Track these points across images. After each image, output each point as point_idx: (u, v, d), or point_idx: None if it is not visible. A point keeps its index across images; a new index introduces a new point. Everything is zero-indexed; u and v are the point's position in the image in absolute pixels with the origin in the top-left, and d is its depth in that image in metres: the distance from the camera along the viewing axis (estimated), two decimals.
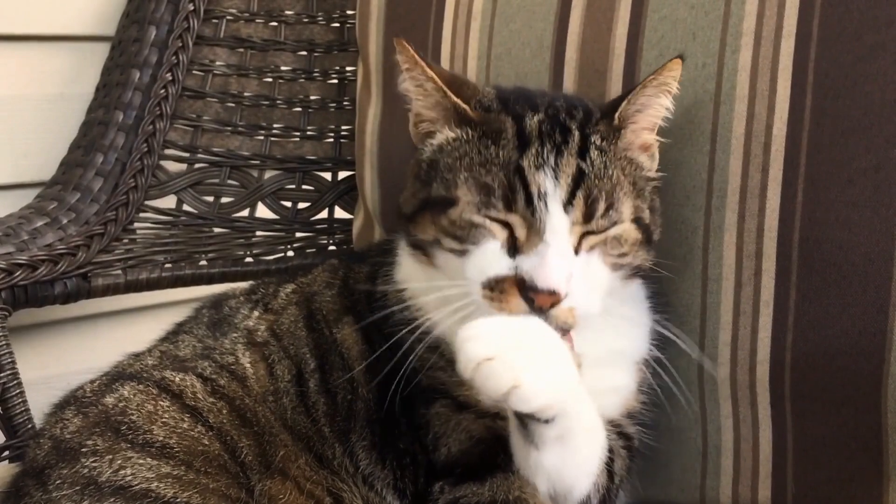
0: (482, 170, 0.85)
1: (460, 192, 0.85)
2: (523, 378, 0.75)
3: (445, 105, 0.90)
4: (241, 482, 0.88)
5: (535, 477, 0.88)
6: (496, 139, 0.87)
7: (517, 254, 0.83)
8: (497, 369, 0.75)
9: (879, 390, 0.91)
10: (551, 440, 0.83)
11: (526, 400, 0.75)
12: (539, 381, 0.76)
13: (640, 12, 1.04)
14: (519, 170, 0.84)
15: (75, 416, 0.92)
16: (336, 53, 1.45)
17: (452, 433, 0.92)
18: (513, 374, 0.75)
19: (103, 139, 1.34)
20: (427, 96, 0.91)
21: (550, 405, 0.78)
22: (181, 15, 1.36)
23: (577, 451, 0.86)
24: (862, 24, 0.91)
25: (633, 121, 0.91)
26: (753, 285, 0.96)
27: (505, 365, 0.75)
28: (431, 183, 0.89)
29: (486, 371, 0.75)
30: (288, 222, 1.44)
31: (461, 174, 0.86)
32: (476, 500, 0.89)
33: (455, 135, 0.90)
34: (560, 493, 0.89)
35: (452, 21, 1.20)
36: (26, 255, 1.19)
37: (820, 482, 0.97)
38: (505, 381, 0.75)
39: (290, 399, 0.96)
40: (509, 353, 0.76)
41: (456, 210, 0.85)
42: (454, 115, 0.90)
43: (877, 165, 0.90)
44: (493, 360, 0.75)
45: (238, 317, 1.03)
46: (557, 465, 0.86)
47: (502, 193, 0.83)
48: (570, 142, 0.86)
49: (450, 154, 0.89)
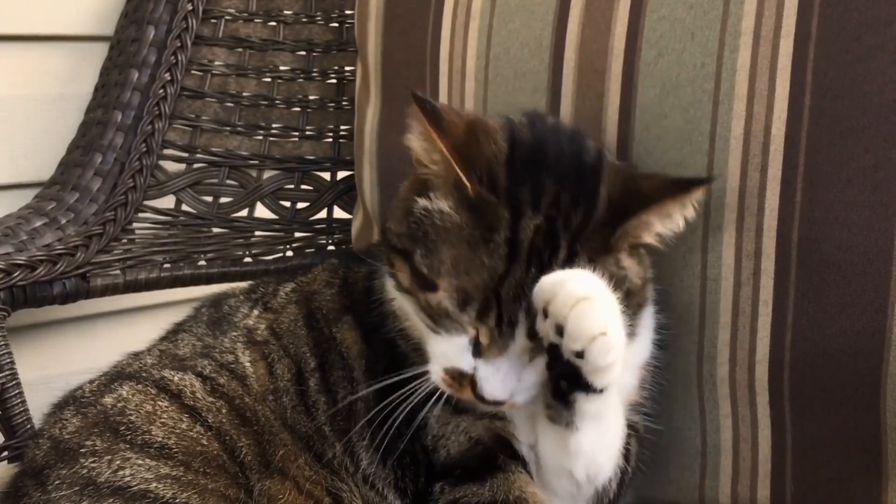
0: (466, 275, 0.82)
1: (442, 284, 0.83)
2: (611, 327, 0.76)
3: (449, 175, 0.85)
4: (241, 482, 0.88)
5: (572, 463, 0.88)
6: (487, 238, 0.82)
7: (479, 356, 0.84)
8: (594, 311, 0.76)
9: (878, 390, 0.91)
10: (590, 417, 0.83)
11: (606, 351, 0.76)
12: (620, 336, 0.77)
13: (638, 12, 1.04)
14: (497, 294, 0.81)
15: (74, 417, 0.92)
16: (335, 53, 1.45)
17: (451, 435, 0.92)
18: (606, 320, 0.76)
19: (102, 139, 1.34)
20: (433, 160, 0.87)
21: (616, 364, 0.78)
22: (180, 15, 1.35)
23: (609, 429, 0.87)
24: (861, 24, 0.91)
25: (635, 233, 0.86)
26: (752, 285, 0.96)
27: (601, 308, 0.76)
28: (417, 245, 0.85)
29: (583, 309, 0.75)
30: (287, 222, 1.44)
31: (447, 266, 0.83)
32: (476, 500, 0.89)
33: (449, 211, 0.84)
34: (591, 477, 0.89)
35: (451, 21, 1.20)
36: (25, 256, 1.19)
37: (819, 482, 0.97)
38: (598, 325, 0.75)
39: (290, 398, 0.96)
40: (606, 299, 0.77)
41: (435, 297, 0.84)
42: (453, 187, 0.84)
43: (875, 165, 0.90)
44: (591, 300, 0.76)
45: (238, 315, 1.03)
46: (594, 445, 0.86)
47: (479, 306, 0.82)
48: (556, 262, 0.82)
49: (439, 232, 0.84)
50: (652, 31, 1.03)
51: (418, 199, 0.87)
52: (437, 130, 0.84)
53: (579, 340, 0.76)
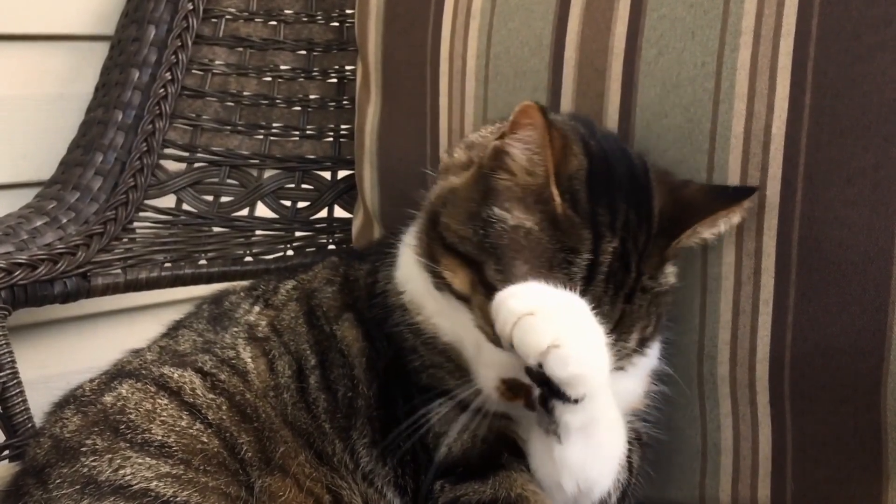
0: None
1: None
2: (564, 338, 0.74)
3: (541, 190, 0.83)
4: (241, 479, 0.88)
5: (559, 475, 0.87)
6: (569, 260, 0.82)
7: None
8: (538, 325, 0.74)
9: (879, 389, 0.91)
10: (575, 430, 0.82)
11: (564, 362, 0.74)
12: (578, 347, 0.75)
13: (639, 11, 1.04)
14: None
15: (75, 416, 0.92)
16: (335, 52, 1.45)
17: (455, 433, 0.92)
18: (554, 332, 0.74)
19: (103, 138, 1.34)
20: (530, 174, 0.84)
21: (584, 376, 0.76)
22: (180, 14, 1.35)
23: (601, 444, 0.86)
24: (861, 24, 0.91)
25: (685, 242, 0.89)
26: (753, 284, 0.96)
27: (546, 322, 0.74)
28: (488, 258, 0.83)
29: (526, 326, 0.74)
30: (287, 221, 1.44)
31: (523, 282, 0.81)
32: (477, 498, 0.89)
33: (534, 228, 0.82)
34: (583, 491, 0.88)
35: (451, 20, 1.20)
36: (26, 255, 1.19)
37: (819, 481, 0.97)
38: (545, 338, 0.74)
39: (291, 395, 0.95)
40: (551, 312, 0.75)
41: None
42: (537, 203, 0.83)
43: (876, 164, 0.90)
44: (535, 315, 0.74)
45: (239, 312, 1.03)
46: (582, 459, 0.85)
47: None
48: (626, 284, 0.84)
49: (518, 247, 0.82)
50: (652, 30, 1.03)
51: (493, 207, 0.84)
52: (551, 146, 0.81)
53: (529, 356, 0.75)
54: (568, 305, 0.78)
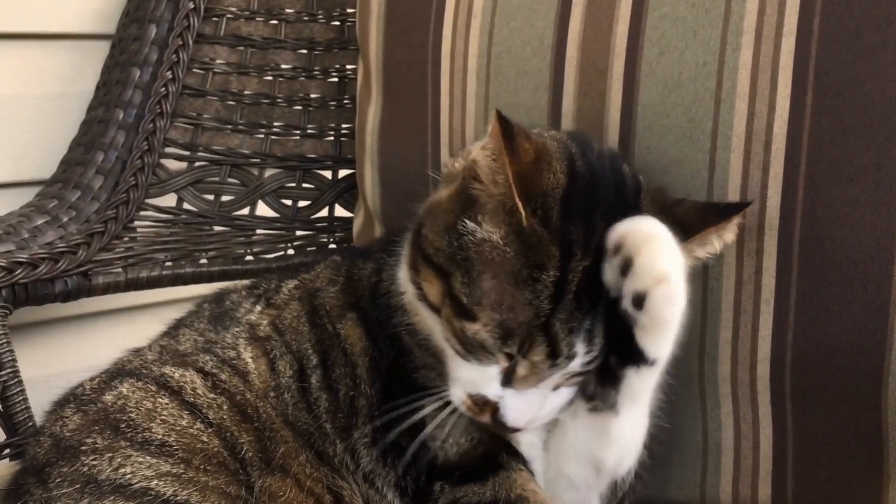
0: (509, 311, 0.81)
1: (482, 317, 0.82)
2: (676, 276, 0.75)
3: (506, 201, 0.82)
4: (241, 479, 0.88)
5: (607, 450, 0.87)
6: (535, 277, 0.80)
7: (508, 385, 0.84)
8: (667, 251, 0.76)
9: (880, 388, 0.91)
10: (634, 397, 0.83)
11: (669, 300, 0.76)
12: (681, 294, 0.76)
13: (640, 10, 1.04)
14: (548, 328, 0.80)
15: (75, 414, 0.92)
16: (336, 51, 1.45)
17: (453, 433, 0.92)
18: (672, 264, 0.76)
19: (103, 137, 1.34)
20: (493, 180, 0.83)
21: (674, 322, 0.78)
22: (181, 13, 1.35)
23: (642, 415, 0.87)
24: (863, 23, 0.91)
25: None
26: (754, 283, 0.96)
27: (672, 253, 0.76)
28: (457, 270, 0.83)
29: (656, 247, 0.75)
30: (288, 220, 1.44)
31: (488, 298, 0.81)
32: (477, 499, 0.89)
33: (500, 243, 0.82)
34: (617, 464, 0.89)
35: (453, 19, 1.20)
36: (27, 254, 1.19)
37: (820, 480, 0.97)
38: (666, 264, 0.75)
39: (292, 395, 0.95)
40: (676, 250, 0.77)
41: (473, 327, 0.82)
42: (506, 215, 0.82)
43: (878, 164, 0.90)
44: (665, 241, 0.76)
45: (240, 311, 1.03)
46: (631, 430, 0.86)
47: (522, 341, 0.81)
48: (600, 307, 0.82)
49: (485, 262, 0.82)
50: (654, 30, 1.02)
51: (466, 219, 0.84)
52: (509, 155, 0.80)
53: (644, 278, 0.76)
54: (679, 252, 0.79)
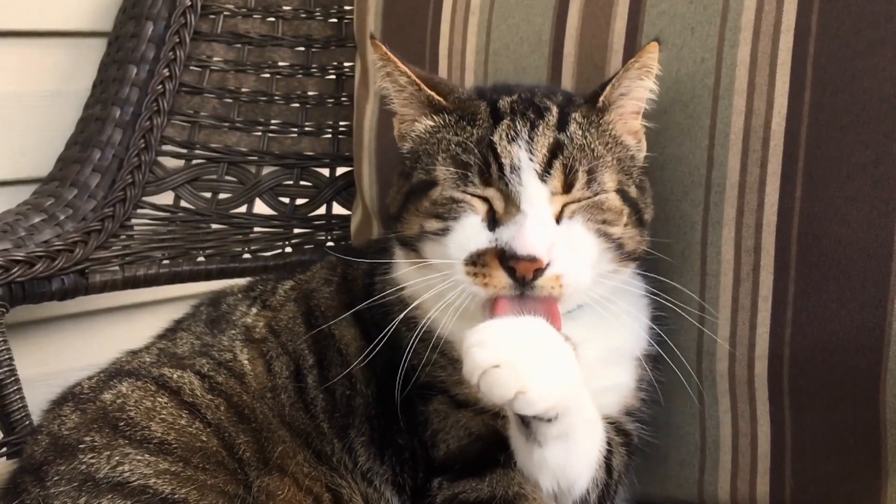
0: (459, 149, 0.87)
1: (439, 172, 0.87)
2: (529, 384, 0.76)
3: (421, 98, 0.93)
4: (239, 478, 0.88)
5: (539, 475, 0.88)
6: (472, 120, 0.90)
7: (497, 226, 0.84)
8: (503, 376, 0.76)
9: (877, 385, 0.91)
10: (554, 437, 0.84)
11: (531, 404, 0.77)
12: (544, 386, 0.77)
13: (638, 7, 1.04)
14: (491, 144, 0.85)
15: (73, 413, 0.92)
16: (334, 49, 1.45)
17: (451, 430, 0.92)
18: (519, 380, 0.76)
19: (100, 135, 1.33)
20: (402, 91, 0.94)
21: (554, 406, 0.79)
22: (178, 10, 1.35)
23: (579, 445, 0.87)
24: (861, 20, 0.91)
25: (619, 105, 0.93)
26: (752, 280, 0.96)
27: (511, 372, 0.76)
28: (413, 173, 0.91)
29: (492, 378, 0.76)
30: (286, 218, 1.43)
31: (440, 156, 0.88)
32: (475, 495, 0.89)
33: (433, 122, 0.92)
34: (563, 490, 0.89)
35: (451, 16, 1.20)
36: (23, 252, 1.19)
37: (818, 477, 0.97)
38: (511, 387, 0.76)
39: (289, 395, 0.95)
40: (515, 360, 0.76)
41: (436, 190, 0.87)
42: (430, 106, 0.92)
43: (875, 161, 0.90)
44: (500, 367, 0.76)
45: (236, 314, 1.03)
46: (561, 460, 0.86)
47: (478, 169, 0.85)
48: (548, 117, 0.89)
49: (428, 141, 0.91)
50: (652, 27, 1.02)
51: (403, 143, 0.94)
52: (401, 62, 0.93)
53: (497, 404, 0.79)
54: (531, 340, 0.78)
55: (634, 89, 0.93)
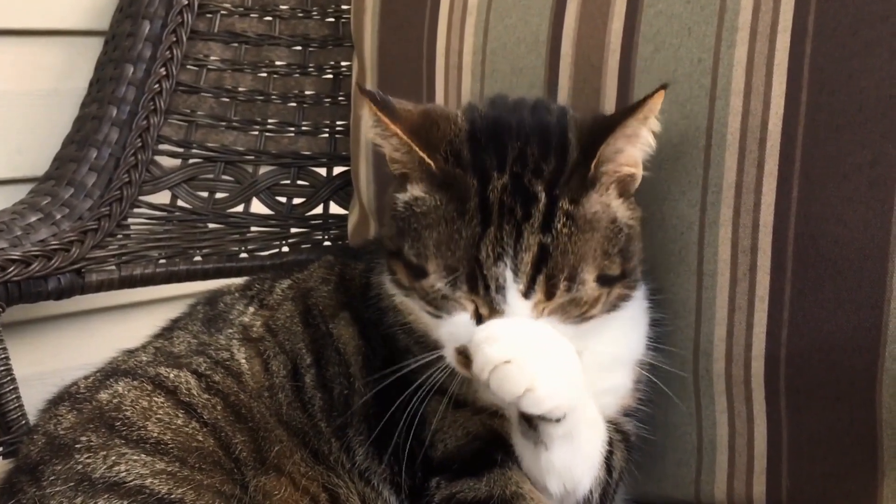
0: (448, 251, 0.83)
1: (430, 267, 0.84)
2: (537, 382, 0.78)
3: (413, 157, 0.87)
4: (236, 478, 0.88)
5: (547, 478, 0.89)
6: (461, 210, 0.83)
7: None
8: (513, 373, 0.77)
9: (874, 385, 0.91)
10: (559, 438, 0.85)
11: (539, 403, 0.79)
12: (551, 385, 0.79)
13: (635, 7, 1.03)
14: (478, 261, 0.82)
15: (69, 413, 0.92)
16: (331, 48, 1.45)
17: (449, 430, 0.92)
18: (528, 378, 0.78)
19: (97, 134, 1.33)
20: (395, 147, 0.88)
21: (560, 406, 0.81)
22: (175, 9, 1.35)
23: (583, 445, 0.88)
24: (857, 20, 0.91)
25: (612, 162, 0.86)
26: (749, 281, 0.96)
27: (521, 369, 0.78)
28: (405, 238, 0.86)
29: (502, 374, 0.78)
30: (283, 218, 1.43)
31: (431, 248, 0.84)
32: (473, 495, 0.89)
33: (423, 195, 0.86)
34: (569, 491, 0.90)
35: (448, 16, 1.20)
36: (19, 251, 1.18)
37: (815, 477, 0.97)
38: (520, 384, 0.77)
39: (286, 395, 0.95)
40: (525, 357, 0.78)
41: (428, 281, 0.84)
42: (421, 170, 0.86)
43: (872, 161, 0.90)
44: (511, 363, 0.78)
45: (233, 313, 1.03)
46: (567, 462, 0.88)
47: (466, 278, 0.82)
48: (535, 213, 0.82)
49: (419, 218, 0.85)
50: (649, 27, 1.02)
51: (396, 195, 0.89)
52: (388, 116, 0.86)
53: (506, 400, 0.79)
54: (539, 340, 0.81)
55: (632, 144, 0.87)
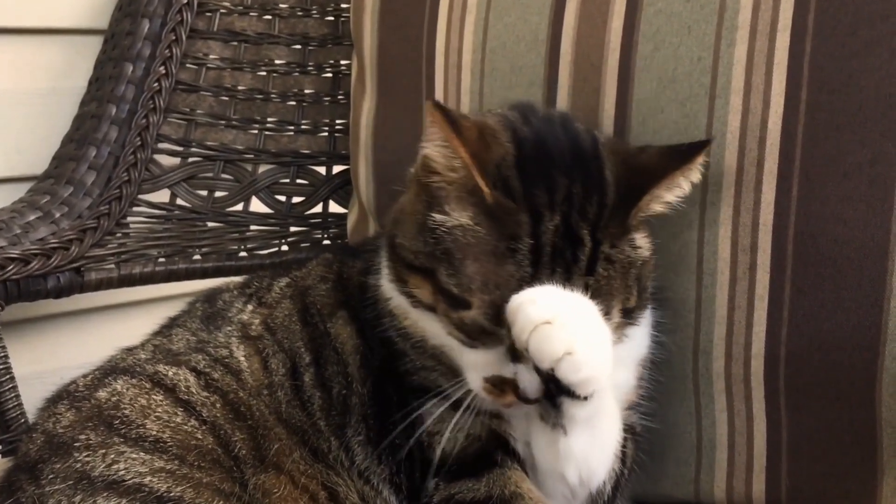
0: (496, 289, 0.82)
1: (475, 302, 0.83)
2: (577, 346, 0.77)
3: (467, 182, 0.84)
4: (235, 476, 0.88)
5: (564, 466, 0.88)
6: (512, 248, 0.82)
7: (517, 361, 0.84)
8: (555, 334, 0.76)
9: (874, 384, 0.91)
10: (581, 422, 0.84)
11: (576, 368, 0.77)
12: (589, 353, 0.78)
13: (635, 6, 1.03)
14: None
15: (68, 411, 0.91)
16: (330, 47, 1.45)
17: (448, 431, 0.92)
18: (569, 340, 0.76)
19: (96, 133, 1.33)
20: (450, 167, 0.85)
21: (593, 378, 0.79)
22: (174, 8, 1.35)
23: (602, 434, 0.88)
24: (857, 19, 0.91)
25: (649, 209, 0.87)
26: (748, 279, 0.96)
27: (563, 331, 0.76)
28: (440, 263, 0.84)
29: (543, 334, 0.76)
30: (282, 217, 1.43)
31: (476, 282, 0.82)
32: (472, 495, 0.89)
33: (470, 224, 0.83)
34: (584, 480, 0.90)
35: (447, 15, 1.20)
36: (19, 250, 1.18)
37: (814, 476, 0.97)
38: (560, 346, 0.76)
39: (285, 393, 0.95)
40: (566, 319, 0.77)
41: (469, 314, 0.83)
42: (470, 195, 0.84)
43: (872, 160, 0.90)
44: (552, 324, 0.76)
45: (232, 311, 1.03)
46: (586, 449, 0.87)
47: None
48: (581, 258, 0.83)
49: (462, 248, 0.83)
50: (648, 25, 1.02)
51: (434, 214, 0.85)
52: (457, 136, 0.82)
53: (544, 362, 0.78)
54: (579, 309, 0.79)
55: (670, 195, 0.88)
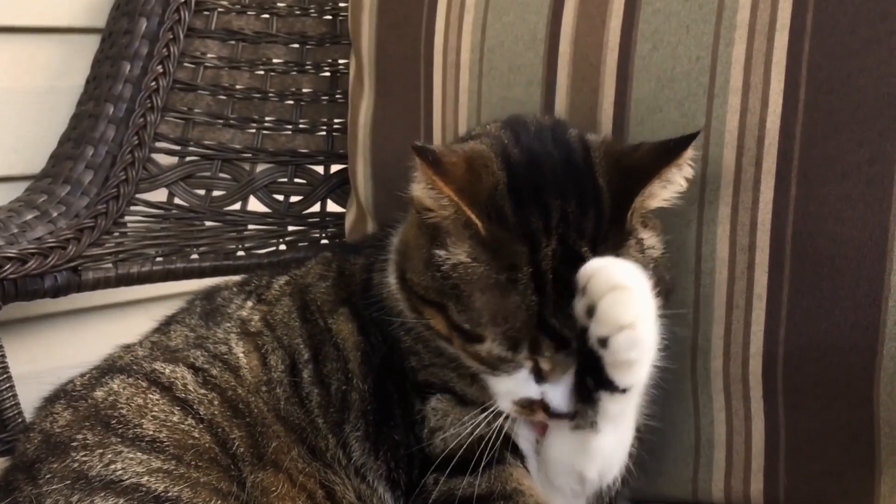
0: (505, 321, 0.82)
1: (487, 335, 0.83)
2: (641, 321, 0.77)
3: (459, 217, 0.84)
4: (233, 475, 0.88)
5: (588, 464, 0.88)
6: (513, 279, 0.81)
7: (542, 380, 0.85)
8: (630, 300, 0.77)
9: (872, 384, 0.91)
10: (612, 419, 0.85)
11: (633, 344, 0.77)
12: (647, 335, 0.78)
13: (633, 5, 1.03)
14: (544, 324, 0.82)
15: (65, 410, 0.91)
16: (328, 46, 1.45)
17: (451, 427, 0.92)
18: (637, 313, 0.77)
19: (93, 132, 1.33)
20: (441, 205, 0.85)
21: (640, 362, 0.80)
22: (172, 7, 1.35)
23: (625, 431, 0.88)
24: (856, 18, 0.91)
25: (644, 207, 0.87)
26: (746, 278, 0.96)
27: (636, 300, 0.77)
28: (449, 299, 0.85)
29: (620, 297, 0.76)
30: (280, 216, 1.43)
31: (485, 317, 0.83)
32: (471, 491, 0.89)
33: (469, 262, 0.83)
34: (602, 476, 0.90)
35: (445, 13, 1.20)
36: (16, 249, 1.18)
37: (812, 475, 0.97)
38: (630, 314, 0.77)
39: (284, 390, 0.95)
40: (641, 293, 0.77)
41: (484, 347, 0.84)
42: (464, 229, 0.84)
43: (870, 159, 0.90)
44: (631, 290, 0.77)
45: (231, 307, 1.03)
46: (612, 446, 0.88)
47: (529, 343, 0.83)
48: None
49: (467, 283, 0.83)
50: (647, 25, 1.02)
51: (436, 250, 0.85)
52: (441, 177, 0.82)
53: (606, 326, 0.77)
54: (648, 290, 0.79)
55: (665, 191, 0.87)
